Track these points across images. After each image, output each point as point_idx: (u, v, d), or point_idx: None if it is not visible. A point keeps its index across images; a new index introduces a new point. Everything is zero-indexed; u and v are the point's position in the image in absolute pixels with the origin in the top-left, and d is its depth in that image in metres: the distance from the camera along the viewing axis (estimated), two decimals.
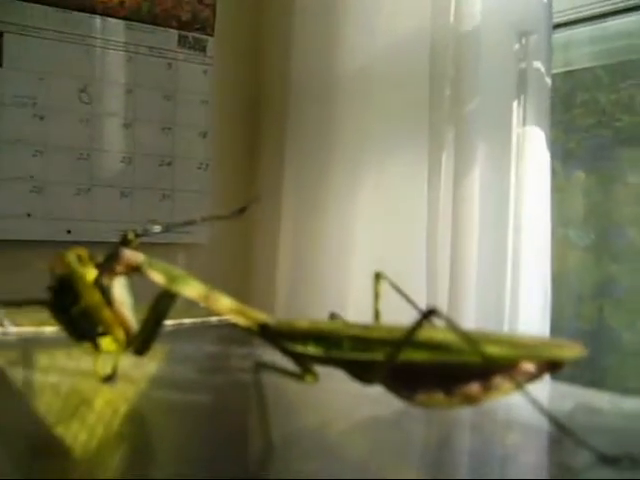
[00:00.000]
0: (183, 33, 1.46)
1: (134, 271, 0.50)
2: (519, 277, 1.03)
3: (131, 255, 0.50)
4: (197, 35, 1.48)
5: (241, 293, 0.48)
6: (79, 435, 0.39)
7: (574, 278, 1.20)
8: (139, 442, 0.42)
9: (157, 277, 0.48)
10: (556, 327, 1.04)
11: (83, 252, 0.51)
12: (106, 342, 0.51)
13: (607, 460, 0.36)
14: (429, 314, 0.39)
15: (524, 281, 1.03)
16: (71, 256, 0.50)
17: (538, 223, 1.02)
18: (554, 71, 1.05)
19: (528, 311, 1.02)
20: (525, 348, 0.42)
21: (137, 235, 0.51)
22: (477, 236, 1.04)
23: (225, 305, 0.47)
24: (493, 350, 0.40)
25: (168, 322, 0.72)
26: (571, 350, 0.41)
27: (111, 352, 0.51)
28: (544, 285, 1.02)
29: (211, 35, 1.50)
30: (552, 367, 0.41)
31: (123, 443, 0.41)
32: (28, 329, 0.62)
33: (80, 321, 0.50)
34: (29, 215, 1.32)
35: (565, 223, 1.17)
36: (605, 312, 1.17)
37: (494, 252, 1.04)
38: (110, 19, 1.39)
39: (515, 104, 1.07)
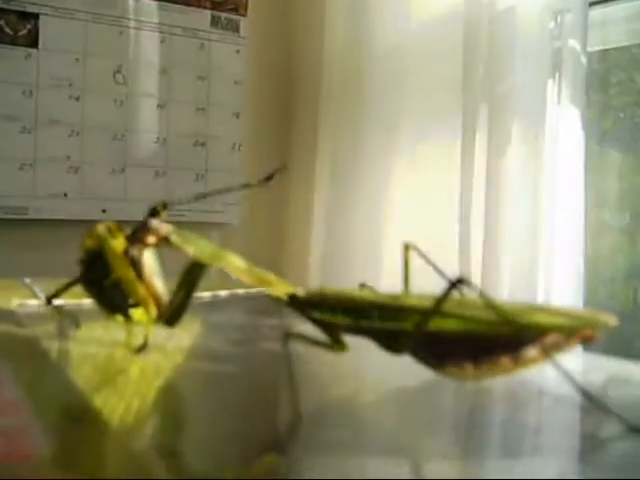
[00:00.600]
0: (216, 13, 1.46)
1: (163, 242, 0.50)
2: (552, 257, 1.02)
3: (159, 226, 0.50)
4: (230, 15, 1.48)
5: (274, 270, 0.48)
6: (112, 403, 0.40)
7: (609, 259, 1.18)
8: (169, 410, 0.43)
9: (186, 248, 0.49)
10: (590, 309, 1.03)
11: (113, 225, 0.51)
12: (137, 313, 0.51)
13: (636, 430, 0.35)
14: (458, 283, 0.38)
15: (557, 262, 1.02)
16: (101, 229, 0.50)
17: (572, 203, 1.01)
18: (590, 50, 1.04)
19: (561, 291, 1.01)
20: (555, 317, 0.41)
21: (165, 206, 0.51)
22: (510, 216, 1.04)
23: (254, 276, 0.47)
24: (522, 319, 0.39)
25: (204, 294, 0.72)
26: (603, 320, 0.40)
27: (142, 323, 0.51)
28: (577, 266, 1.01)
29: (244, 15, 1.50)
30: (584, 338, 0.40)
31: (154, 411, 0.41)
32: (64, 301, 0.63)
33: (111, 293, 0.51)
34: (65, 195, 1.33)
35: (600, 204, 1.16)
36: None
37: (527, 232, 1.03)
38: (144, 0, 1.39)
39: (550, 83, 1.06)
